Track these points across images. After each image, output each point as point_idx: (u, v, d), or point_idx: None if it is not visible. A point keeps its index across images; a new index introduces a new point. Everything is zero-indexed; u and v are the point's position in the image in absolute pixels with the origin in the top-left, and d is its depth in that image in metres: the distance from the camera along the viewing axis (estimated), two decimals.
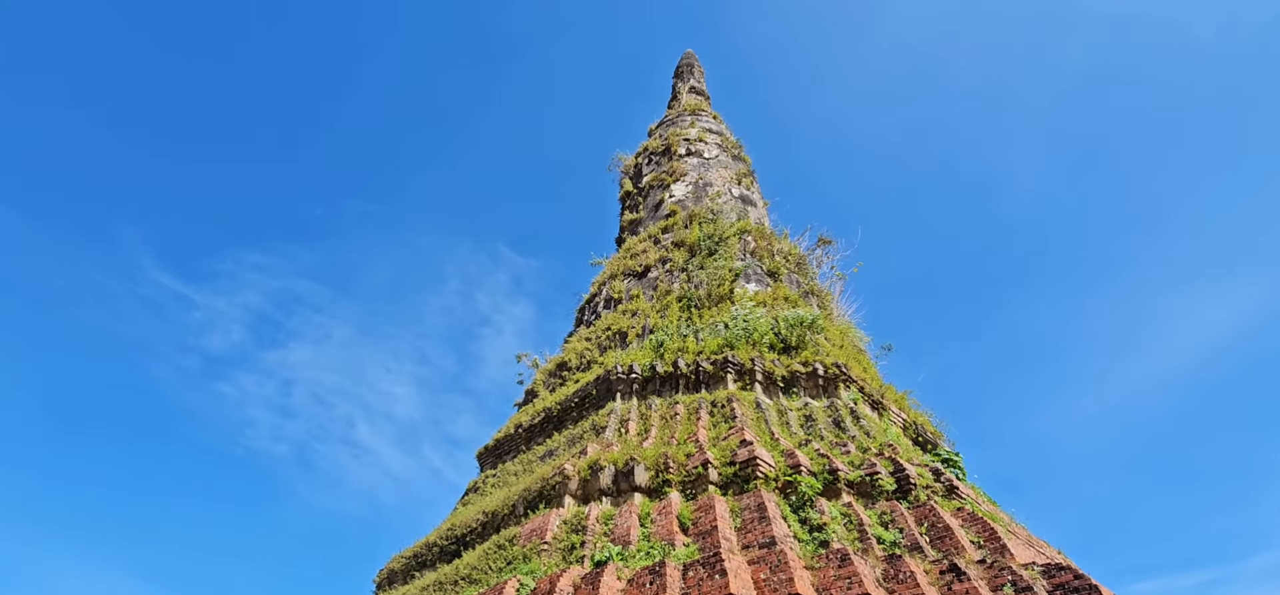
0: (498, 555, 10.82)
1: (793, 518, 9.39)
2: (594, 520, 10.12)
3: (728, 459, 10.55)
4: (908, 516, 9.26)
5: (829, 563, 7.94)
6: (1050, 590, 7.65)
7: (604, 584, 8.16)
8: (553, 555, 9.82)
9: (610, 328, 17.67)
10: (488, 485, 15.46)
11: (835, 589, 7.59)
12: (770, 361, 13.62)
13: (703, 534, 9.14)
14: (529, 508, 11.59)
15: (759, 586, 7.78)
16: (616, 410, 13.72)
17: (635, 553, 9.10)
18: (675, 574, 8.16)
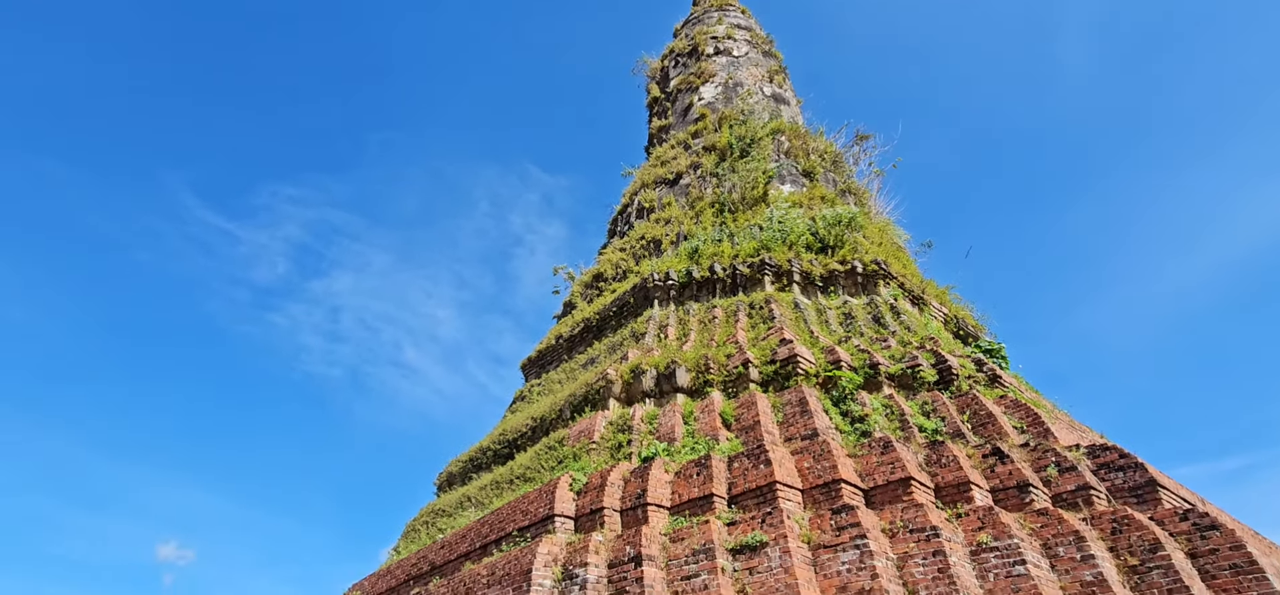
0: (549, 455, 11.32)
1: (834, 411, 9.55)
2: (639, 420, 10.46)
3: (768, 358, 10.68)
4: (949, 406, 9.33)
5: (871, 450, 8.12)
6: (1095, 469, 7.72)
7: (653, 476, 8.52)
8: (601, 453, 10.23)
9: (644, 237, 17.65)
10: (533, 393, 16.01)
11: (878, 474, 7.79)
12: (808, 262, 13.51)
13: (745, 429, 9.39)
14: (575, 411, 12.01)
15: (803, 474, 8.03)
16: (655, 317, 13.89)
17: (680, 448, 9.43)
18: (720, 466, 8.46)
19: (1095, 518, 6.97)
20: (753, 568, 6.93)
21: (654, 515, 8.14)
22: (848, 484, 7.61)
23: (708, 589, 6.80)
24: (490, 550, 9.56)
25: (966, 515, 7.08)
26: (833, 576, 6.64)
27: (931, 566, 6.45)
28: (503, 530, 9.50)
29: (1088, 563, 6.33)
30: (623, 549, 7.59)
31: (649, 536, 7.58)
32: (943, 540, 6.55)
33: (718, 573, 6.86)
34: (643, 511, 8.18)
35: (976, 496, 7.40)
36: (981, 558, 6.62)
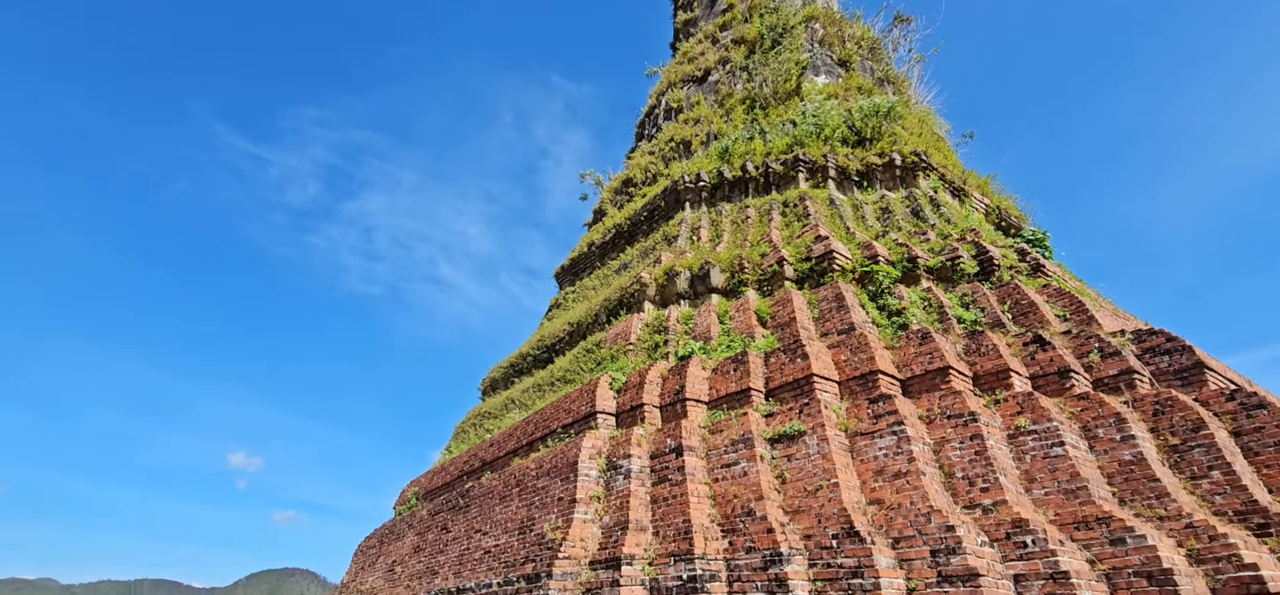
0: (587, 358, 11.62)
1: (871, 305, 9.52)
2: (674, 321, 10.59)
3: (803, 255, 10.59)
4: (990, 296, 9.21)
5: (909, 342, 8.13)
6: (1140, 353, 7.63)
7: (690, 373, 8.71)
8: (638, 354, 10.46)
9: (673, 138, 17.28)
10: (568, 300, 16.27)
11: (915, 365, 7.83)
12: (843, 156, 13.13)
13: (781, 326, 9.45)
14: (611, 315, 12.21)
15: (840, 367, 8.11)
16: (686, 219, 13.79)
17: (716, 347, 9.57)
18: (757, 361, 8.59)
19: (1137, 400, 6.94)
20: (791, 455, 7.14)
21: (692, 410, 8.37)
22: (885, 374, 7.68)
23: (747, 475, 7.06)
24: (537, 446, 10.01)
25: (1005, 401, 7.12)
26: (869, 461, 6.82)
27: (968, 450, 6.56)
28: (547, 428, 9.91)
29: (1127, 443, 6.37)
30: (663, 441, 7.87)
31: (689, 429, 7.83)
32: (980, 424, 6.63)
33: (757, 461, 7.10)
34: (681, 406, 8.41)
35: (1016, 383, 7.41)
36: (1019, 441, 6.70)
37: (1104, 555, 5.48)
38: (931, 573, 5.46)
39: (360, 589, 12.08)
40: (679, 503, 7.08)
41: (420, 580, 9.94)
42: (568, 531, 7.24)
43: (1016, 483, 6.45)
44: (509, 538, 8.42)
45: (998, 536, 5.76)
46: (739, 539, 6.42)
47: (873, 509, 6.42)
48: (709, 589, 6.00)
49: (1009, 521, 5.80)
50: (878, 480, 6.62)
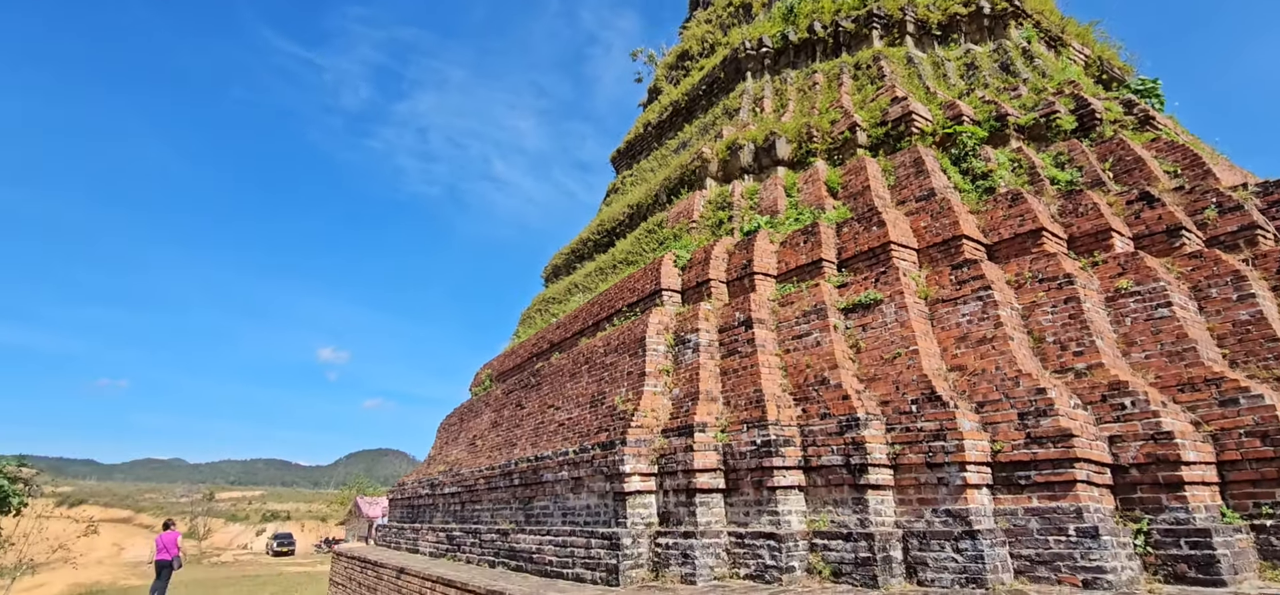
0: (649, 239, 11.47)
1: (953, 170, 8.88)
2: (738, 196, 10.23)
3: (877, 120, 9.89)
4: (1089, 154, 8.41)
5: (997, 205, 7.57)
6: (1265, 206, 6.87)
7: (757, 247, 8.45)
8: (701, 232, 10.22)
9: (731, 3, 16.14)
10: (626, 184, 15.98)
11: (1003, 228, 7.31)
12: (923, 7, 11.95)
13: (853, 195, 8.98)
14: (671, 194, 11.92)
15: (919, 234, 7.68)
16: (748, 90, 13.06)
17: (784, 220, 9.21)
18: (828, 232, 8.23)
19: (1259, 257, 6.30)
20: (866, 325, 6.92)
21: (760, 283, 8.18)
22: (969, 239, 7.22)
23: (820, 346, 6.91)
24: (602, 326, 10.11)
25: (1104, 263, 6.61)
26: (951, 329, 6.53)
27: (1061, 314, 6.17)
28: (613, 308, 9.96)
29: (1245, 302, 5.83)
30: (732, 315, 7.76)
31: (758, 302, 7.68)
32: (1076, 287, 6.19)
33: (830, 331, 6.91)
34: (749, 281, 8.23)
35: (1117, 244, 6.84)
36: (1119, 303, 6.25)
37: (1211, 416, 5.14)
38: (1019, 435, 5.27)
39: (446, 461, 12.91)
40: (749, 373, 7.04)
41: (500, 451, 10.49)
42: (638, 403, 7.36)
43: (1113, 346, 6.06)
44: (581, 411, 8.67)
45: (1092, 399, 5.48)
46: (813, 407, 6.36)
47: (954, 376, 6.19)
48: (783, 453, 6.01)
49: (1105, 384, 5.49)
50: (960, 347, 6.35)
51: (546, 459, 8.19)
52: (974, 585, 4.95)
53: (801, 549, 5.75)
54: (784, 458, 6.01)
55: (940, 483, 5.36)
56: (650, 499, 6.69)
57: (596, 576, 6.41)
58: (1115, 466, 5.20)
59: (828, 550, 5.63)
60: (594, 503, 7.14)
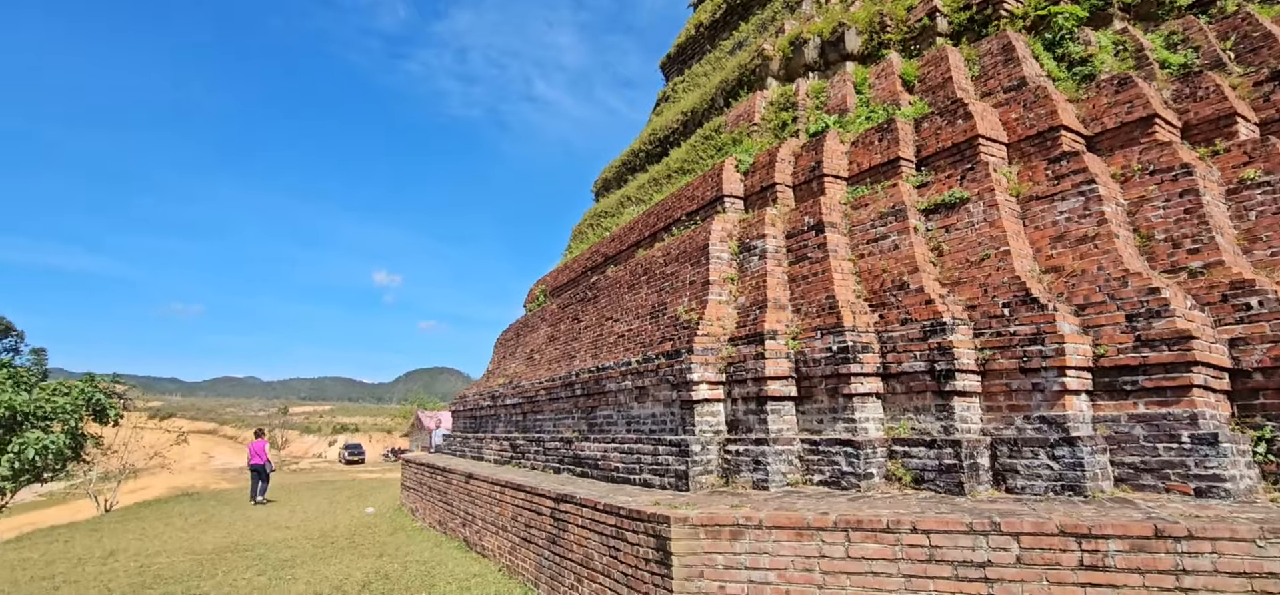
0: (706, 145, 11.01)
1: (1046, 56, 8.05)
2: (803, 95, 9.61)
3: (959, 4, 9.01)
4: (1207, 32, 7.47)
5: (1100, 92, 6.84)
6: None
7: (827, 147, 7.95)
8: (763, 135, 9.71)
9: None
10: (678, 91, 15.33)
11: (1107, 117, 6.62)
12: None
13: (932, 89, 8.29)
14: (729, 97, 11.33)
15: (1009, 127, 7.05)
16: None
17: (854, 119, 8.62)
18: (906, 128, 7.65)
19: None
20: (949, 226, 6.47)
21: (830, 186, 7.73)
22: (1068, 130, 6.58)
23: (898, 249, 6.51)
24: (660, 236, 9.86)
25: (1226, 152, 5.93)
26: (1046, 227, 6.03)
27: (1175, 208, 5.60)
28: (671, 217, 9.67)
29: None
30: (800, 219, 7.39)
31: (828, 205, 7.27)
32: (1194, 178, 5.58)
33: (909, 233, 6.49)
34: (818, 184, 7.79)
35: (1241, 131, 6.11)
36: (1243, 196, 5.62)
37: None
38: (1126, 338, 4.87)
39: (505, 374, 13.17)
40: (821, 280, 6.73)
41: (558, 363, 10.56)
42: (703, 312, 7.16)
43: (1234, 243, 5.50)
44: (641, 322, 8.56)
45: (1210, 299, 5.00)
46: (891, 312, 6.05)
47: (1049, 277, 5.75)
48: (861, 360, 5.77)
49: (1225, 284, 4.99)
50: (1056, 247, 5.87)
51: (608, 370, 8.16)
52: (1070, 492, 4.70)
53: (880, 456, 5.57)
54: (862, 364, 5.76)
55: (1035, 388, 5.04)
56: (718, 407, 6.58)
57: (665, 482, 6.42)
58: (1234, 371, 4.78)
59: (908, 457, 5.44)
60: (659, 411, 7.10)
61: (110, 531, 12.89)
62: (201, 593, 7.54)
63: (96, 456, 22.96)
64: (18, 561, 9.96)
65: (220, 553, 9.92)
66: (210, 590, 7.63)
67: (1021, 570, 3.89)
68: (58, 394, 17.43)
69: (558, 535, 6.48)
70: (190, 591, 7.61)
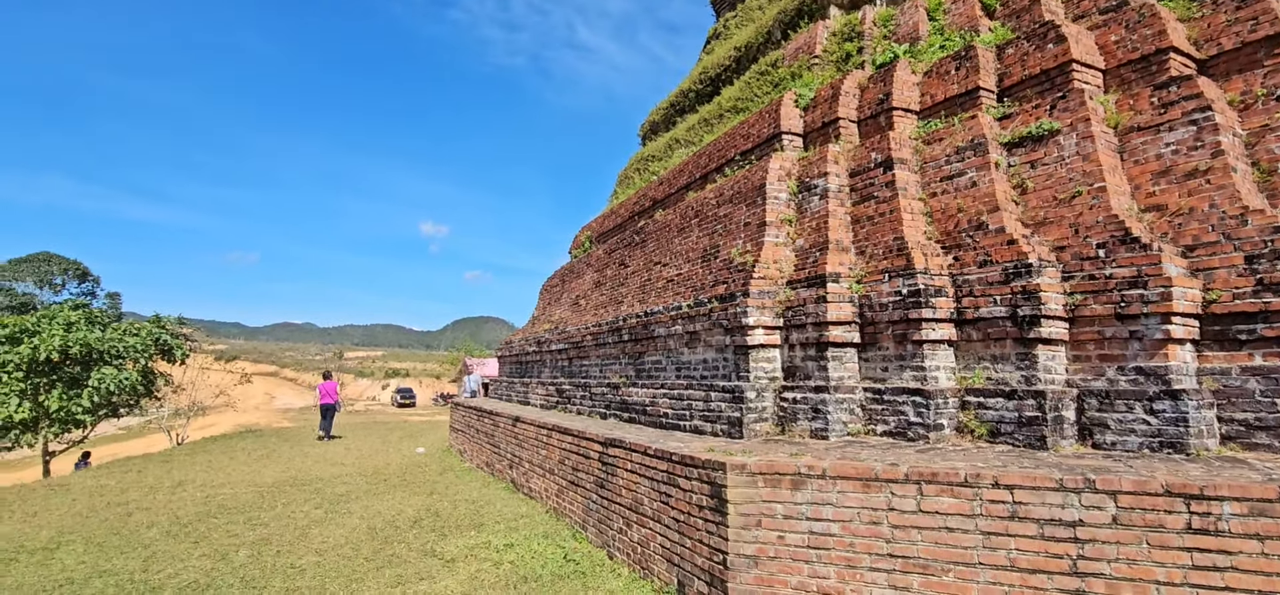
0: (761, 81, 10.44)
1: None
2: (869, 24, 8.93)
3: None
4: None
5: (1217, 9, 6.05)
6: None
7: (897, 78, 7.36)
8: (825, 68, 9.10)
9: None
10: (730, 26, 14.61)
11: (1224, 37, 5.86)
12: None
13: (1016, 13, 7.55)
14: (787, 30, 10.67)
15: (1107, 51, 6.34)
16: None
17: (926, 48, 7.96)
18: (986, 56, 6.99)
19: None
20: (1035, 161, 5.90)
21: (900, 120, 7.17)
22: (1177, 53, 5.86)
23: (976, 186, 5.99)
24: (711, 178, 9.46)
25: None
26: (1148, 162, 5.42)
27: None
28: (723, 158, 9.24)
29: None
30: (865, 156, 6.89)
31: (897, 140, 6.74)
32: None
33: (990, 168, 5.96)
34: (886, 118, 7.24)
35: None
36: None
37: None
38: (1245, 282, 4.33)
39: (550, 320, 13.11)
40: (888, 220, 6.27)
41: (605, 309, 10.39)
42: (759, 254, 6.81)
43: None
44: (691, 266, 8.26)
45: None
46: (968, 254, 5.59)
47: (1151, 216, 5.18)
48: (933, 304, 5.36)
49: None
50: (1159, 183, 5.28)
51: (657, 314, 7.92)
52: (1170, 450, 4.27)
53: (951, 406, 5.21)
54: (934, 309, 5.36)
55: (1132, 337, 4.57)
56: (774, 353, 6.28)
57: (717, 429, 6.20)
58: None
59: (984, 409, 5.06)
60: (711, 357, 6.84)
61: (180, 463, 13.55)
62: (262, 522, 7.77)
63: (167, 394, 24.20)
64: (96, 488, 10.53)
65: (280, 486, 10.26)
66: (270, 521, 7.86)
67: (1117, 531, 3.54)
68: (129, 334, 18.28)
69: (606, 480, 6.37)
70: (252, 521, 7.86)
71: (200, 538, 7.14)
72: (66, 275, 65.06)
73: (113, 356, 17.51)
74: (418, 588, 5.45)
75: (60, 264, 65.19)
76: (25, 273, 62.93)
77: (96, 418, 17.33)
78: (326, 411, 18.27)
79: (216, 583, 5.65)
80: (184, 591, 5.46)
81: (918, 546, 3.96)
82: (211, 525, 7.70)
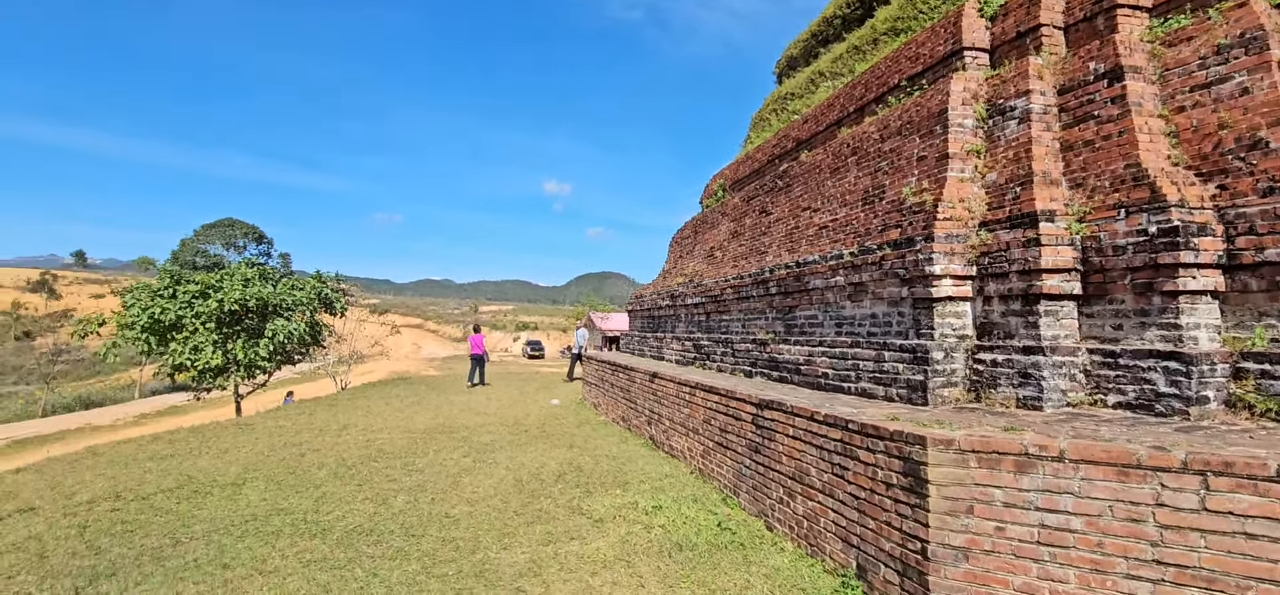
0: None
1: None
2: None
3: None
4: None
5: None
6: None
7: None
8: None
9: None
10: None
11: None
12: None
13: None
14: None
15: None
16: None
17: None
18: None
19: None
20: None
21: (1126, 20, 5.81)
22: None
23: (1249, 94, 4.66)
24: (870, 110, 8.41)
25: None
26: None
27: None
28: (884, 85, 8.15)
29: None
30: (1080, 68, 5.64)
31: (1125, 45, 5.44)
32: None
33: (1270, 68, 4.60)
34: (1106, 19, 5.89)
35: None
36: None
37: None
38: None
39: (683, 273, 12.64)
40: (1117, 144, 5.08)
41: (745, 260, 9.73)
42: (940, 192, 5.84)
43: None
44: (849, 210, 7.37)
45: None
46: (1239, 181, 4.35)
47: None
48: (1196, 245, 4.23)
49: None
50: None
51: (811, 264, 7.16)
52: None
53: (1218, 375, 4.11)
54: (1195, 252, 4.23)
55: None
56: (964, 307, 5.37)
57: (893, 393, 5.43)
58: None
59: (1269, 378, 3.94)
60: (882, 311, 6.02)
61: (343, 408, 14.68)
62: (417, 469, 8.04)
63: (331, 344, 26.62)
64: (275, 429, 11.56)
65: (430, 434, 10.71)
66: (424, 467, 8.12)
67: None
68: (296, 289, 20.09)
69: (761, 444, 5.83)
70: (407, 467, 8.15)
71: (363, 481, 7.47)
72: (246, 238, 73.79)
73: (284, 309, 19.32)
74: (568, 547, 5.25)
75: (241, 228, 74.00)
76: (214, 236, 72.10)
77: (274, 364, 19.29)
78: (477, 361, 19.54)
79: (378, 528, 5.78)
80: (350, 535, 5.62)
81: (1199, 554, 3.08)
82: (372, 469, 8.07)
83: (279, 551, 5.22)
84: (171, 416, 26.65)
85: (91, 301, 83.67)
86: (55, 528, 5.95)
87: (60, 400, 33.04)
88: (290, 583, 4.59)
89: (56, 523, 6.10)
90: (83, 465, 8.86)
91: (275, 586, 4.55)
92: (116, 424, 25.24)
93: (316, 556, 5.10)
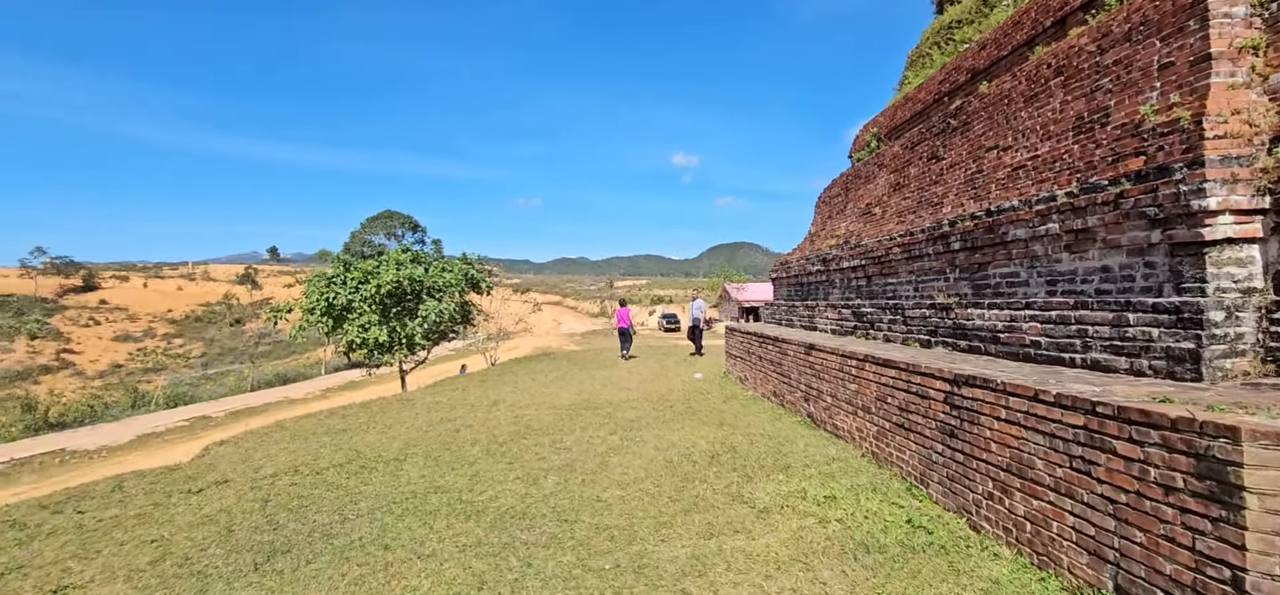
0: None
1: None
2: None
3: None
4: None
5: None
6: None
7: None
8: None
9: None
10: None
11: None
12: None
13: None
14: None
15: None
16: None
17: None
18: None
19: None
20: None
21: None
22: None
23: None
24: (1075, 19, 6.90)
25: None
26: None
27: None
28: None
29: None
30: None
31: None
32: None
33: None
34: None
35: None
36: None
37: None
38: None
39: (834, 235, 11.54)
40: None
41: (912, 215, 8.53)
42: (1202, 104, 4.48)
43: None
44: (1056, 143, 6.05)
45: None
46: None
47: None
48: None
49: None
50: None
51: (1009, 211, 5.97)
52: None
53: None
54: None
55: None
56: (1252, 252, 4.06)
57: (1144, 365, 4.26)
58: None
59: None
60: (1118, 262, 4.80)
61: (493, 383, 15.19)
62: (565, 447, 7.86)
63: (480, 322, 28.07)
64: (432, 404, 12.08)
65: (575, 409, 10.62)
66: (572, 445, 7.93)
67: None
68: (445, 271, 21.19)
69: (958, 428, 4.88)
70: (556, 444, 8.01)
71: (514, 459, 7.40)
72: (403, 227, 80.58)
73: (434, 291, 20.45)
74: (733, 542, 4.68)
75: (399, 219, 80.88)
76: (376, 228, 79.44)
77: (430, 342, 20.54)
78: (624, 335, 19.84)
79: (531, 511, 5.56)
80: (503, 517, 5.44)
81: None
82: (522, 446, 8.01)
83: (436, 533, 5.13)
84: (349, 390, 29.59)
85: (284, 290, 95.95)
86: (243, 501, 6.35)
87: (262, 377, 37.97)
88: (447, 569, 4.43)
89: (244, 496, 6.53)
90: (271, 439, 9.67)
91: (433, 572, 4.40)
92: (307, 398, 28.42)
93: (471, 541, 4.94)
